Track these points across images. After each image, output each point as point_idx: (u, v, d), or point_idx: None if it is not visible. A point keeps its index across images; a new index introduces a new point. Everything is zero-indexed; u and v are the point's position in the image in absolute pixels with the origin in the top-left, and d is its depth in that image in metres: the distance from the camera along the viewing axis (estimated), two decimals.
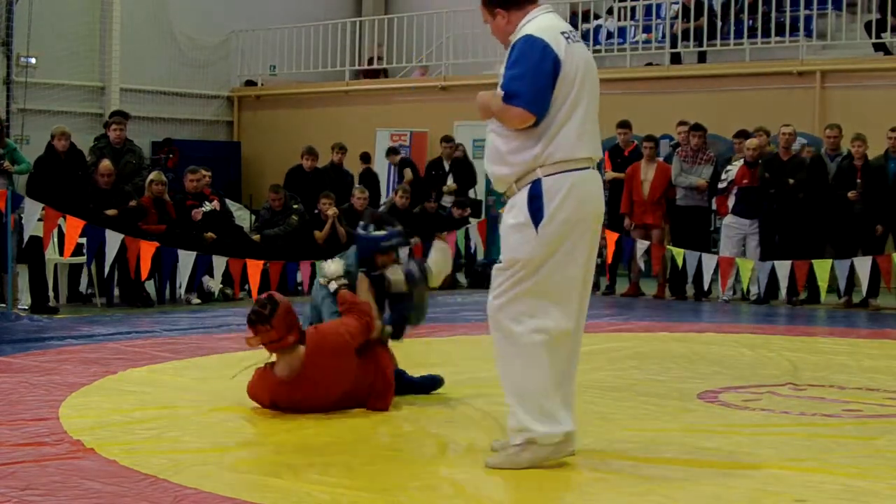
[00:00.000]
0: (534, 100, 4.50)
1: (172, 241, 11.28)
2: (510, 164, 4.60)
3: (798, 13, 16.21)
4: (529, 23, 4.65)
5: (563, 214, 4.54)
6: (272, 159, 19.75)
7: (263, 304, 5.66)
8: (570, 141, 4.56)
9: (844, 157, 12.37)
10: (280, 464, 4.77)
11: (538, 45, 4.53)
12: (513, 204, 4.62)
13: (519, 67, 4.53)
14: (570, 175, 4.56)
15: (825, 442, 5.25)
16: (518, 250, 4.59)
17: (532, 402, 4.58)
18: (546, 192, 4.52)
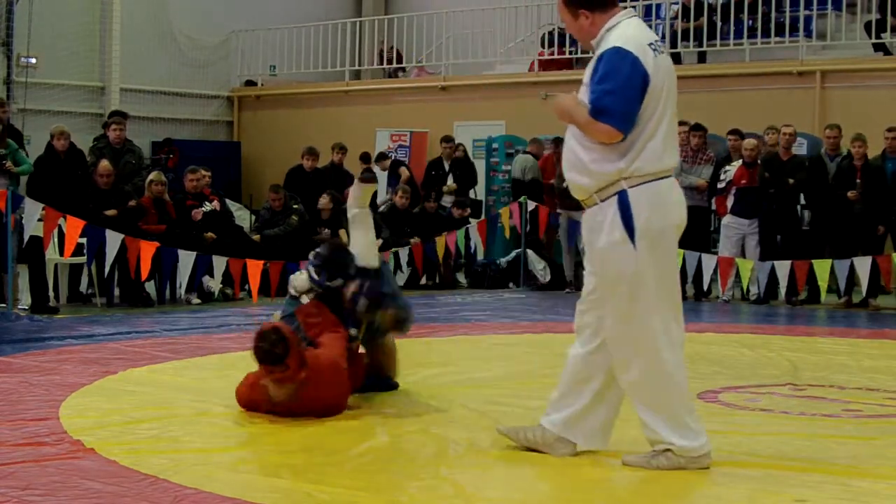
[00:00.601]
0: (623, 118, 4.45)
1: (172, 241, 11.28)
2: (592, 174, 4.56)
3: (798, 13, 16.21)
4: (615, 29, 4.58)
5: (655, 224, 4.53)
6: (272, 159, 19.75)
7: (274, 342, 5.46)
8: (656, 154, 4.53)
9: (844, 157, 12.37)
10: (280, 464, 4.77)
11: (629, 60, 4.46)
12: (601, 220, 4.56)
13: (610, 82, 4.46)
14: (654, 185, 4.54)
15: (825, 442, 5.25)
16: (621, 268, 4.53)
17: (673, 416, 4.56)
18: (634, 205, 4.50)
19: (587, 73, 4.60)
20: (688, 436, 4.56)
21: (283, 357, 5.44)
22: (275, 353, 5.44)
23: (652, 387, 4.57)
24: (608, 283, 4.59)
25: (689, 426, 4.57)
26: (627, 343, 4.58)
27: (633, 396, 4.64)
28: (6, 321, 9.57)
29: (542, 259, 14.33)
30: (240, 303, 11.69)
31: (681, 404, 4.59)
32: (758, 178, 12.45)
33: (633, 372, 4.58)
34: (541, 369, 7.43)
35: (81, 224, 10.26)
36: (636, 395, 4.62)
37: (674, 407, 4.57)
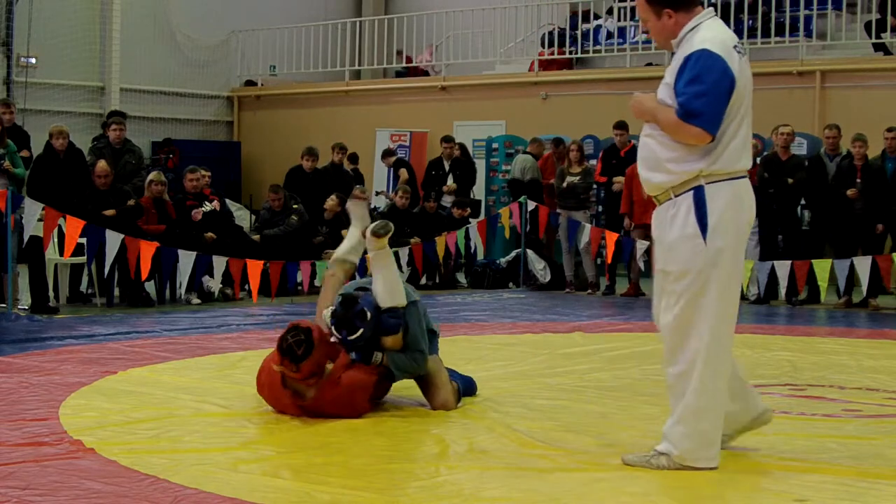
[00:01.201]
0: (713, 121, 4.48)
1: (172, 241, 11.28)
2: (670, 172, 4.59)
3: (798, 13, 16.22)
4: (700, 30, 4.58)
5: (728, 223, 4.56)
6: (272, 159, 19.77)
7: (300, 341, 5.45)
8: (736, 154, 4.59)
9: (844, 156, 12.37)
10: (280, 464, 4.77)
11: (719, 63, 4.49)
12: (673, 213, 4.59)
13: (700, 85, 4.47)
14: (731, 184, 4.59)
15: (825, 442, 5.25)
16: (690, 261, 4.55)
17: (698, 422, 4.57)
18: (710, 202, 4.53)
19: (669, 73, 4.60)
20: (702, 444, 4.56)
21: (300, 359, 5.44)
22: (294, 352, 5.45)
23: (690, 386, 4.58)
24: (673, 276, 4.60)
25: (708, 436, 4.58)
26: (681, 337, 4.61)
27: (671, 388, 4.67)
28: (6, 321, 9.57)
29: (542, 259, 14.33)
30: (240, 303, 11.69)
31: (713, 413, 4.60)
32: (756, 178, 12.45)
33: (679, 366, 4.62)
34: (541, 369, 7.44)
35: (81, 224, 10.26)
36: (674, 388, 4.65)
37: (704, 413, 4.57)
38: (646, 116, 4.66)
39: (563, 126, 16.62)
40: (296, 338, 5.46)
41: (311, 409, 5.58)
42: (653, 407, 6.14)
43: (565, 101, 17.69)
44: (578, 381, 7.00)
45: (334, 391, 5.57)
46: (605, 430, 5.46)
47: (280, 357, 5.50)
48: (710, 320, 4.55)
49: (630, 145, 13.68)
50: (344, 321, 5.70)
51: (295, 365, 5.46)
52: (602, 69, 17.99)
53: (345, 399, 5.61)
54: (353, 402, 5.65)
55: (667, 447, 4.60)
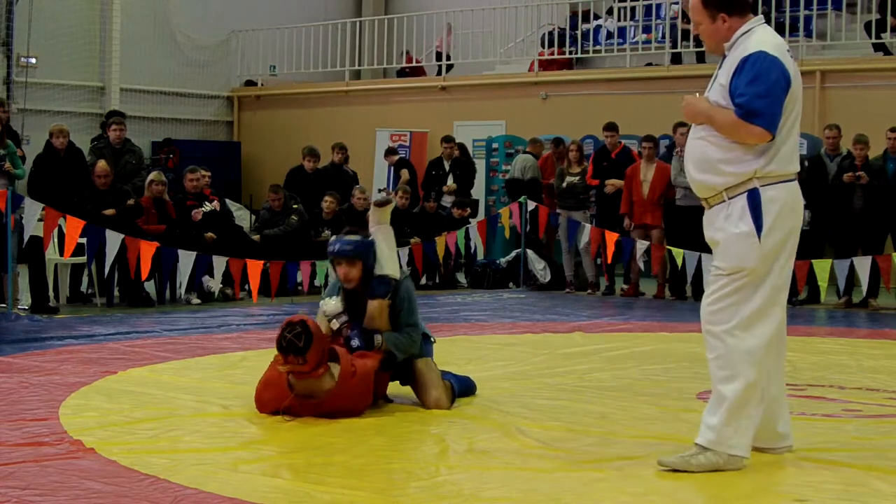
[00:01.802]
0: (774, 120, 4.55)
1: (172, 241, 11.27)
2: (724, 173, 4.63)
3: (798, 13, 16.22)
4: (754, 34, 4.66)
5: (783, 224, 4.63)
6: (272, 159, 19.77)
7: (298, 334, 5.46)
8: (789, 156, 4.65)
9: (845, 156, 12.37)
10: (280, 464, 4.77)
11: (778, 65, 4.57)
12: (728, 214, 4.65)
13: (760, 86, 4.55)
14: (785, 186, 4.64)
15: (825, 442, 5.25)
16: (744, 259, 4.62)
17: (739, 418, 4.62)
18: (765, 203, 4.59)
19: (724, 75, 4.65)
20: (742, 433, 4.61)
21: (303, 350, 5.44)
22: (296, 346, 5.45)
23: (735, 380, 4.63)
24: (727, 272, 4.65)
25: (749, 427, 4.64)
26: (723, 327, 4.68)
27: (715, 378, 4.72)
28: (6, 321, 9.57)
29: (542, 259, 14.33)
30: (240, 303, 11.70)
31: (755, 408, 4.66)
32: None
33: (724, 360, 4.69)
34: (541, 369, 7.44)
35: (81, 224, 10.26)
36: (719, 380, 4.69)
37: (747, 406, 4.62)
38: (700, 118, 4.72)
39: (562, 126, 16.61)
40: (293, 332, 5.47)
41: (329, 405, 5.56)
42: (653, 407, 6.15)
43: (565, 101, 17.69)
44: (578, 381, 7.00)
45: (353, 381, 5.57)
46: (605, 430, 5.46)
47: (283, 356, 5.50)
48: (759, 319, 4.69)
49: (621, 147, 13.69)
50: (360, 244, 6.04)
51: (301, 357, 5.45)
52: (602, 69, 17.99)
53: (362, 388, 5.64)
54: (370, 390, 5.70)
55: (708, 438, 4.62)
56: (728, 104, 4.61)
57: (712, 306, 4.72)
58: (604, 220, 13.40)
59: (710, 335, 4.75)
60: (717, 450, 4.59)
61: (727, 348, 4.68)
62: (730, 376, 4.65)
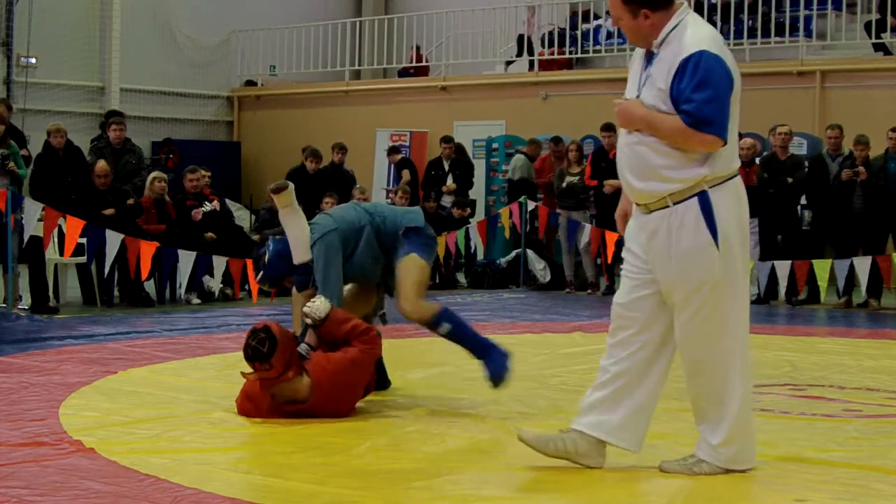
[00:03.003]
0: (725, 126, 4.33)
1: (172, 241, 11.28)
2: (669, 179, 4.37)
3: (798, 13, 16.22)
4: (685, 29, 4.38)
5: (736, 225, 4.45)
6: (272, 159, 19.76)
7: (262, 340, 5.45)
8: (732, 153, 4.47)
9: (846, 157, 12.38)
10: (280, 464, 4.77)
11: (721, 64, 4.32)
12: (679, 223, 4.39)
13: (708, 91, 4.28)
14: (730, 184, 4.45)
15: (825, 442, 5.25)
16: (707, 272, 4.39)
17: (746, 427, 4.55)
18: (716, 205, 4.37)
19: (660, 76, 4.35)
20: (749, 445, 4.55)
21: (268, 356, 5.43)
22: (260, 351, 5.45)
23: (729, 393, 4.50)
24: (690, 289, 4.41)
25: (753, 436, 4.58)
26: (708, 347, 4.49)
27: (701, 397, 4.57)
28: (6, 321, 9.57)
29: (542, 259, 14.33)
30: (240, 303, 11.69)
31: (750, 413, 4.58)
32: (755, 178, 12.46)
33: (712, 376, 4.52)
34: (541, 369, 7.44)
35: (81, 224, 10.26)
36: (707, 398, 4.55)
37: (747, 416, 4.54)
38: (637, 125, 4.41)
39: (562, 126, 16.61)
40: (257, 338, 5.47)
41: (315, 406, 5.56)
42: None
43: (565, 101, 17.69)
44: (579, 381, 6.99)
45: (329, 376, 5.55)
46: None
47: (250, 364, 5.51)
48: (735, 325, 4.49)
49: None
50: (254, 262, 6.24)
51: (267, 363, 5.45)
52: (602, 69, 17.99)
53: (343, 380, 5.59)
54: (353, 381, 5.64)
55: (711, 455, 4.53)
56: (669, 109, 4.32)
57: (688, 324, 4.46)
58: (603, 220, 13.39)
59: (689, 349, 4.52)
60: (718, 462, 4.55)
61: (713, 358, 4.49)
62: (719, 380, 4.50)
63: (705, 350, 4.50)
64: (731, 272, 4.43)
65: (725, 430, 4.50)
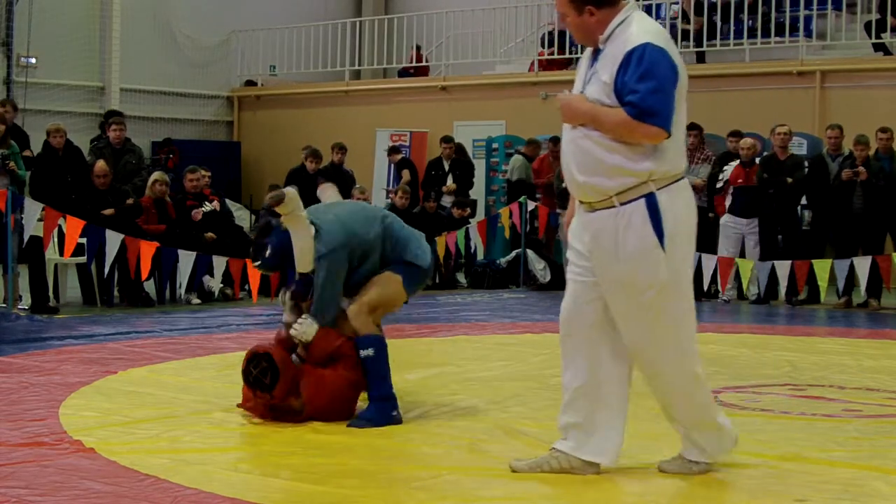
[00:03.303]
0: (669, 118, 4.25)
1: (172, 241, 11.28)
2: (613, 175, 4.28)
3: (798, 13, 16.22)
4: (632, 24, 4.31)
5: (683, 227, 4.37)
6: (272, 159, 19.76)
7: (265, 370, 5.42)
8: (679, 154, 4.40)
9: (846, 157, 12.38)
10: (280, 464, 4.77)
11: (666, 57, 4.26)
12: (626, 224, 4.30)
13: (652, 81, 4.21)
14: (678, 186, 4.37)
15: (825, 442, 5.25)
16: (653, 275, 4.31)
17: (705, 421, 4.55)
18: (663, 208, 4.29)
19: (604, 70, 4.30)
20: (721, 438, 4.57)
21: (270, 387, 5.43)
22: (262, 382, 5.44)
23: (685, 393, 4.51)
24: (635, 292, 4.34)
25: (722, 427, 4.57)
26: (659, 347, 4.45)
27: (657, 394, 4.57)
28: (6, 321, 9.57)
29: (542, 259, 14.33)
30: (240, 303, 11.69)
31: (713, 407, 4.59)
32: (755, 178, 12.46)
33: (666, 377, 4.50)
34: (541, 369, 7.44)
35: (81, 224, 10.26)
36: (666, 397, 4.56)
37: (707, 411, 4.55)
38: (581, 119, 4.34)
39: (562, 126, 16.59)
40: (259, 367, 5.43)
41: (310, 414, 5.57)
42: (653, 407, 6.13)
43: None
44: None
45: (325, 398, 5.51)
46: None
47: (251, 391, 5.51)
48: (683, 325, 4.46)
49: None
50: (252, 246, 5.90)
51: (268, 394, 5.46)
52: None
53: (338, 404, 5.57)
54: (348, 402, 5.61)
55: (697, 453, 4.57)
56: (613, 102, 4.25)
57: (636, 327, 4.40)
58: None
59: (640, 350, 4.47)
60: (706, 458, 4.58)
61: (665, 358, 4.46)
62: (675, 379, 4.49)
63: (657, 352, 4.45)
64: (677, 275, 4.37)
65: (698, 423, 4.52)
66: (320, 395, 5.51)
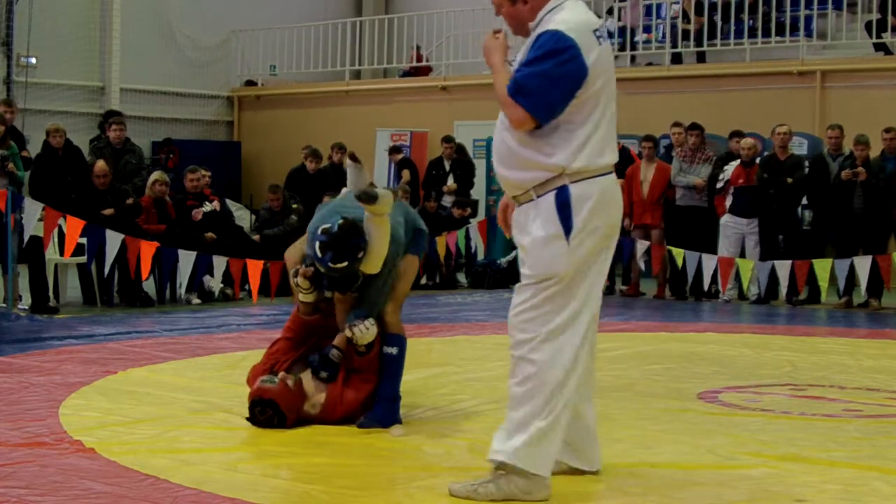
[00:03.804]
0: (543, 104, 4.09)
1: (172, 241, 11.28)
2: (528, 168, 4.19)
3: (798, 13, 16.22)
4: (558, 12, 4.20)
5: (594, 223, 4.18)
6: (272, 159, 19.76)
7: (271, 418, 5.36)
8: (600, 149, 4.21)
9: (846, 157, 12.38)
10: (280, 464, 4.77)
11: (566, 46, 4.09)
12: (536, 213, 4.19)
13: (540, 64, 4.10)
14: (597, 181, 4.20)
15: (825, 442, 5.25)
16: (551, 265, 4.15)
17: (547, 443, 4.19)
18: (575, 201, 4.14)
19: (522, 53, 4.23)
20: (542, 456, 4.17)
21: (282, 425, 5.38)
22: (273, 423, 5.38)
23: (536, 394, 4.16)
24: (534, 279, 4.18)
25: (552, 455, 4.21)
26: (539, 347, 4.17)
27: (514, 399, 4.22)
28: (6, 321, 9.57)
29: None
30: (240, 303, 11.69)
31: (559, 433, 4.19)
32: (756, 178, 12.47)
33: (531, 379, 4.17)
34: None
35: (81, 224, 10.26)
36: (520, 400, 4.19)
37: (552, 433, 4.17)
38: (488, 62, 4.27)
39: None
40: (265, 415, 5.37)
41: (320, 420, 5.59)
42: (653, 407, 6.15)
43: None
44: None
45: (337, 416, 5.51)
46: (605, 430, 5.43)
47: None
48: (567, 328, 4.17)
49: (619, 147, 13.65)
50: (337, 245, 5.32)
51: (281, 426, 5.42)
52: None
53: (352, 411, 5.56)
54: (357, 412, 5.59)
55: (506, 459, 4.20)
56: None
57: (517, 318, 4.20)
58: None
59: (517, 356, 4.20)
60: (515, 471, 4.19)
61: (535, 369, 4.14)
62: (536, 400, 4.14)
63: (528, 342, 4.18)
64: (579, 276, 4.17)
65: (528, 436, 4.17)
66: (335, 412, 5.51)
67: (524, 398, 4.17)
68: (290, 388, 5.45)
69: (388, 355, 5.64)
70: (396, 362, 5.66)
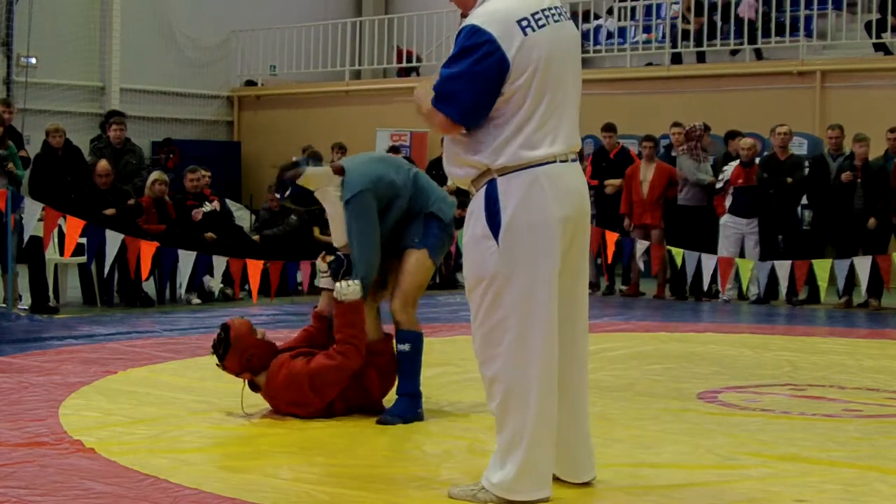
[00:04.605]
0: (465, 108, 3.90)
1: (172, 241, 11.28)
2: (464, 164, 4.03)
3: (798, 13, 16.22)
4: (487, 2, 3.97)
5: (525, 219, 3.92)
6: (272, 159, 19.72)
7: (220, 340, 5.69)
8: (530, 142, 3.93)
9: (846, 157, 12.38)
10: (280, 464, 4.77)
11: (481, 41, 3.86)
12: (470, 211, 4.03)
13: (457, 65, 3.89)
14: (529, 173, 3.93)
15: (825, 442, 5.25)
16: (481, 267, 3.95)
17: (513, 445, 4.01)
18: (502, 195, 3.92)
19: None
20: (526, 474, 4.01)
21: (221, 357, 5.67)
22: (216, 349, 5.68)
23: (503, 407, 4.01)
24: (469, 284, 4.04)
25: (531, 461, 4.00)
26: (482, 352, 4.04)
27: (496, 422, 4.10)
28: (6, 321, 9.57)
29: None
30: (240, 303, 11.69)
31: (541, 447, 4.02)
32: (755, 178, 12.46)
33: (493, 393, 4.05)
34: None
35: (81, 224, 10.26)
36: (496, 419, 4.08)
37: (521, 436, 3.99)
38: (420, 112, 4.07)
39: None
40: (217, 335, 5.69)
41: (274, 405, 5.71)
42: (653, 407, 6.14)
43: None
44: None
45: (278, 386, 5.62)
46: (605, 430, 5.45)
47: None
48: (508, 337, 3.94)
49: (619, 147, 13.70)
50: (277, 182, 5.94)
51: (220, 364, 5.70)
52: (602, 69, 17.97)
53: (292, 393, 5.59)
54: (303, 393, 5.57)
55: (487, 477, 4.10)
56: None
57: (475, 333, 4.03)
58: (603, 220, 13.39)
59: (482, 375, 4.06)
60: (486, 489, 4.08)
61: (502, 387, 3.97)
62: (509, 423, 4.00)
63: (483, 355, 4.05)
64: (520, 276, 3.92)
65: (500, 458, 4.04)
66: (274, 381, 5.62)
67: (500, 419, 4.06)
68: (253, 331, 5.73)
69: (402, 352, 5.72)
70: (410, 358, 5.70)
